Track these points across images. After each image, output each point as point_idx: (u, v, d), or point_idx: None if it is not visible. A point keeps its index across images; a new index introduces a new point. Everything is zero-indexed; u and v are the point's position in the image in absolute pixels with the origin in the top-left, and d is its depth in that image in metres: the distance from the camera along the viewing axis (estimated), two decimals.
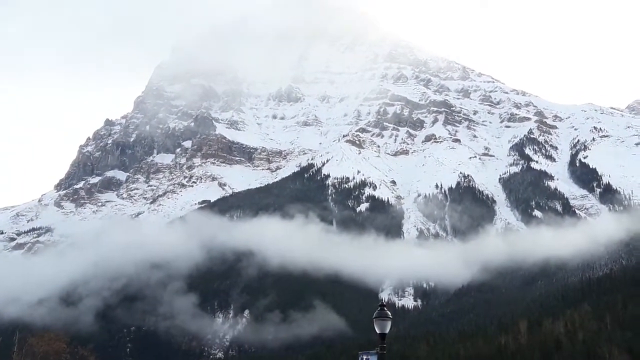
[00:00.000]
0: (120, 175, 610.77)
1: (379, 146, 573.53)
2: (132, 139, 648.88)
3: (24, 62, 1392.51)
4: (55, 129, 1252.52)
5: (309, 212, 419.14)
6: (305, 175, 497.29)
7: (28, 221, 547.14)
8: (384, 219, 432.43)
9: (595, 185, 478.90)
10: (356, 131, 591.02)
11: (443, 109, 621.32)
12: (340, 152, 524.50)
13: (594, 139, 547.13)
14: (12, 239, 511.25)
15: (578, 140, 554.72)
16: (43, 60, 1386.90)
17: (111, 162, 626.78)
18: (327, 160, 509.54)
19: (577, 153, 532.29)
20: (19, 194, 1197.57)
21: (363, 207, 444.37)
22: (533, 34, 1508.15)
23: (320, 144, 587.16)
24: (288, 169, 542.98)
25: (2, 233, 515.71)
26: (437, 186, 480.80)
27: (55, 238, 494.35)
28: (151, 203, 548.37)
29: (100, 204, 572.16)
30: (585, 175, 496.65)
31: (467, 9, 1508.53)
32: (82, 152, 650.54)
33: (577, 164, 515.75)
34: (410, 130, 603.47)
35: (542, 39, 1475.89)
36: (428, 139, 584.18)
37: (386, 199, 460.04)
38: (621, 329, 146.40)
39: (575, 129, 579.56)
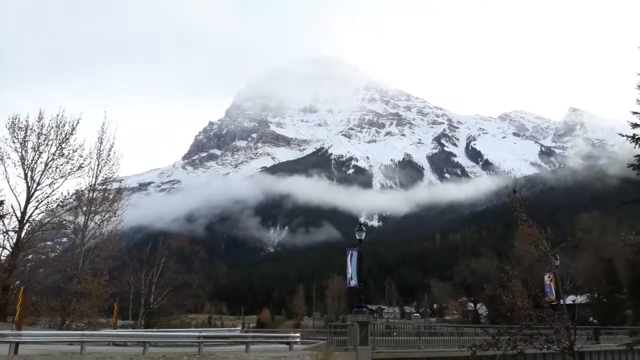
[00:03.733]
0: (217, 152, 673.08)
1: (359, 138, 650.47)
2: (224, 132, 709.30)
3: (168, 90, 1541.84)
4: (184, 126, 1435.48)
5: (321, 173, 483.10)
6: (319, 154, 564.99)
7: (167, 176, 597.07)
8: (362, 177, 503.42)
9: (479, 160, 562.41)
10: (347, 129, 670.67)
11: (396, 118, 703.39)
12: (338, 141, 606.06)
13: (479, 135, 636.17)
14: (158, 186, 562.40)
15: (470, 135, 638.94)
16: (176, 85, 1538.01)
17: (212, 144, 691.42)
18: (331, 146, 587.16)
19: (469, 142, 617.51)
20: (163, 160, 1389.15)
21: (350, 171, 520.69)
22: (448, 71, 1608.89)
23: (327, 136, 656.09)
24: (309, 150, 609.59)
25: (153, 183, 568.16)
26: (391, 160, 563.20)
27: (182, 186, 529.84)
28: (234, 167, 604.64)
29: (206, 167, 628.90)
30: (474, 155, 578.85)
31: (410, 57, 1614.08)
32: (197, 139, 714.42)
33: (470, 149, 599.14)
34: (377, 129, 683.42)
35: (453, 73, 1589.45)
36: (387, 134, 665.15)
37: (363, 167, 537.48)
38: (492, 238, 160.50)
39: (469, 129, 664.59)
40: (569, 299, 26.15)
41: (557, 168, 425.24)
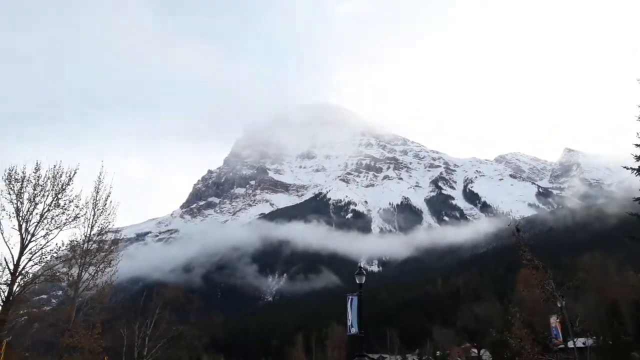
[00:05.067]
0: (216, 200, 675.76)
1: (357, 182, 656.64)
2: (222, 180, 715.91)
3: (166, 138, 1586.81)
4: (183, 174, 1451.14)
5: (319, 219, 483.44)
6: (317, 199, 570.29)
7: (165, 226, 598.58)
8: (361, 222, 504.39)
9: (477, 202, 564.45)
10: (345, 174, 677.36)
11: (392, 162, 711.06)
12: (336, 186, 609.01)
13: (476, 177, 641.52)
14: (156, 236, 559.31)
15: (467, 178, 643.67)
16: (175, 135, 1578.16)
17: (211, 193, 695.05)
18: (329, 190, 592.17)
19: (467, 185, 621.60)
20: (160, 211, 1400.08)
21: (349, 215, 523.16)
22: (443, 115, 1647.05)
23: (325, 181, 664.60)
24: (307, 195, 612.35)
25: (150, 233, 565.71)
26: (390, 204, 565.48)
27: (180, 235, 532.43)
28: (233, 215, 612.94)
29: (204, 216, 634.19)
30: (472, 197, 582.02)
31: (406, 102, 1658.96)
32: (195, 187, 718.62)
33: (467, 191, 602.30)
34: (375, 173, 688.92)
35: (448, 117, 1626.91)
36: (384, 177, 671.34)
37: (362, 211, 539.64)
38: (494, 281, 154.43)
39: (465, 172, 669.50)
40: (578, 342, 25.33)
41: (555, 209, 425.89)
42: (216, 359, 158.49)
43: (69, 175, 33.16)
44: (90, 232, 35.24)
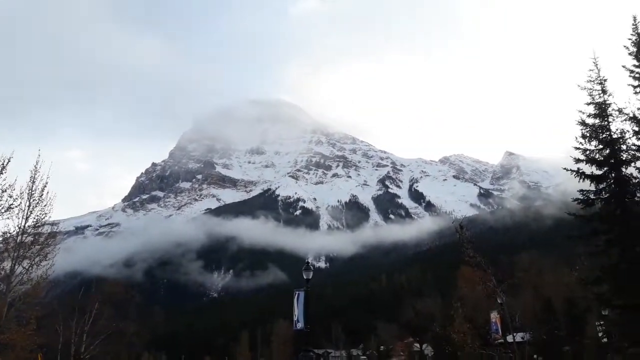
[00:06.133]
0: (160, 194, 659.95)
1: (306, 179, 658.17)
2: (167, 173, 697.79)
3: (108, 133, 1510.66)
4: (125, 167, 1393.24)
5: (268, 215, 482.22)
6: (266, 195, 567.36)
7: (106, 219, 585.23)
8: (309, 219, 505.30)
9: (422, 201, 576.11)
10: (294, 171, 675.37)
11: (342, 160, 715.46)
12: (285, 182, 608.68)
13: (421, 177, 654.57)
14: (96, 229, 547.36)
15: (413, 177, 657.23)
16: (119, 127, 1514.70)
17: (154, 186, 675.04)
18: (278, 187, 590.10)
19: (412, 184, 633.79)
20: (101, 204, 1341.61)
21: (297, 212, 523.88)
22: (391, 116, 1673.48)
23: (274, 177, 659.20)
24: (256, 191, 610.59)
25: (90, 226, 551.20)
26: (338, 201, 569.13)
27: (121, 229, 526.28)
28: (177, 209, 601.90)
29: (147, 210, 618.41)
30: (417, 196, 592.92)
31: (356, 102, 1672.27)
32: (138, 181, 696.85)
33: (413, 190, 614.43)
34: (324, 171, 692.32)
35: (396, 119, 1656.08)
36: (333, 175, 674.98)
37: (310, 208, 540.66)
38: (436, 278, 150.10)
39: (411, 171, 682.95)
40: (517, 337, 26.23)
41: (495, 209, 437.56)
42: (157, 356, 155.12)
43: (2, 164, 31.20)
44: (25, 223, 33.28)
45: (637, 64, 26.32)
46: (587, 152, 27.26)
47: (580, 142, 27.47)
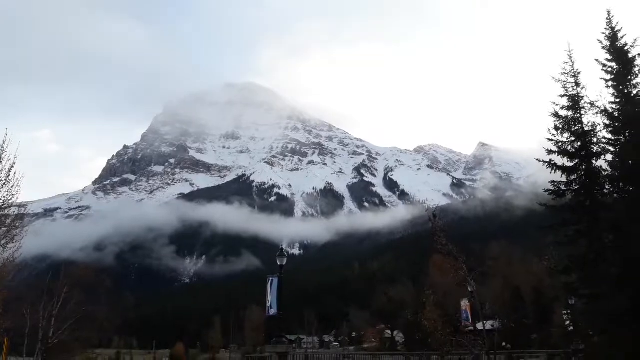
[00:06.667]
0: (131, 177, 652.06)
1: (282, 166, 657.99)
2: (139, 157, 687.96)
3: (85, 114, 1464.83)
4: (96, 149, 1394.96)
5: (242, 201, 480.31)
6: (240, 181, 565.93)
7: (76, 202, 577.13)
8: (284, 205, 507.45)
9: (396, 190, 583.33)
10: (270, 157, 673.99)
11: (318, 147, 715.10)
12: (261, 168, 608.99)
13: (396, 166, 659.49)
14: (66, 212, 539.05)
15: (388, 166, 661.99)
16: (91, 109, 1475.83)
17: (126, 169, 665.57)
18: (253, 173, 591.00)
19: (387, 173, 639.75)
20: (71, 186, 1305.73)
21: (272, 199, 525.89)
22: (367, 105, 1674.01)
23: (249, 163, 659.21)
24: (230, 177, 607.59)
25: (60, 209, 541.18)
26: (313, 188, 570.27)
27: (92, 212, 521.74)
28: (149, 194, 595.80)
29: (118, 193, 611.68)
30: (391, 185, 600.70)
31: (332, 89, 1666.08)
32: (109, 163, 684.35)
33: (387, 179, 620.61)
34: (300, 157, 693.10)
35: (372, 107, 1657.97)
36: (309, 162, 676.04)
37: (285, 194, 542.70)
38: (409, 266, 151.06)
39: (387, 160, 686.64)
40: (487, 325, 26.68)
41: (467, 199, 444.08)
42: (128, 341, 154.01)
43: None
44: None
45: (609, 57, 26.71)
46: (560, 144, 27.64)
47: (553, 134, 27.84)
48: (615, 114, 26.23)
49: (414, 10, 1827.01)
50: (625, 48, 26.29)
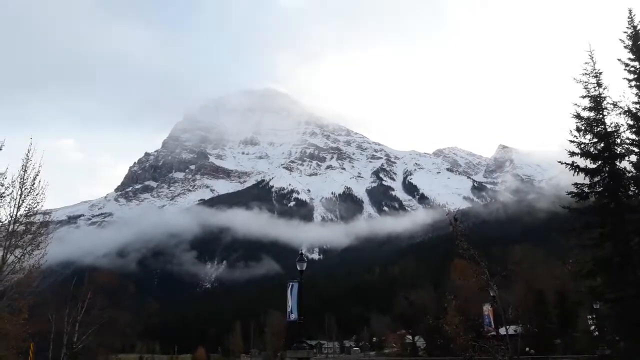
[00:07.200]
0: (153, 184, 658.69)
1: (300, 171, 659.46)
2: (160, 163, 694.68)
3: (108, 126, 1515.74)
4: (118, 157, 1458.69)
5: (262, 206, 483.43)
6: (260, 186, 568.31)
7: (99, 209, 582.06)
8: (303, 210, 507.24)
9: (416, 194, 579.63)
10: (288, 162, 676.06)
11: (336, 152, 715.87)
12: (280, 173, 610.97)
13: (415, 170, 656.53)
14: (89, 219, 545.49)
15: (407, 170, 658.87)
16: (112, 116, 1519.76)
17: (147, 176, 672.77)
18: (272, 178, 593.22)
19: (406, 177, 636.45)
20: (94, 194, 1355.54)
21: (291, 204, 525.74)
22: (386, 108, 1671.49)
23: (268, 168, 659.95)
24: (250, 182, 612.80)
25: (83, 216, 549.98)
26: (332, 193, 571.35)
27: (114, 219, 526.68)
28: (170, 200, 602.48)
29: (140, 200, 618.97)
30: (411, 189, 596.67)
31: (350, 94, 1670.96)
32: (131, 170, 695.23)
33: (406, 183, 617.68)
34: (319, 162, 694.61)
35: (390, 111, 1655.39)
36: (327, 167, 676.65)
37: (304, 199, 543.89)
38: (429, 270, 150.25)
39: (405, 164, 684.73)
40: (510, 329, 26.31)
41: (488, 202, 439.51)
42: (151, 346, 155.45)
43: None
44: (17, 212, 33.01)
45: (632, 57, 26.32)
46: (582, 146, 27.30)
47: (575, 136, 27.52)
48: (639, 114, 25.78)
49: (430, 12, 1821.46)
50: None
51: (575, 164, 26.90)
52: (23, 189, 33.40)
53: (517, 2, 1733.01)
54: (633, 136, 26.18)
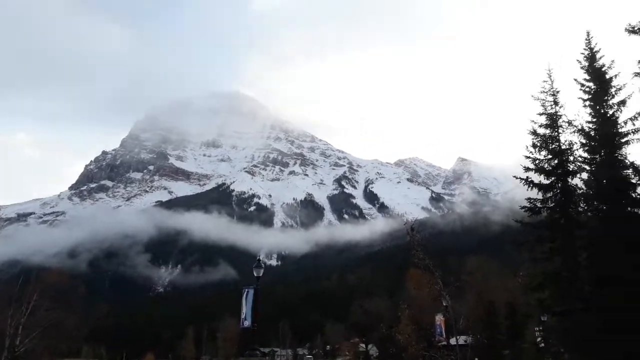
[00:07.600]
0: (109, 183, 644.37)
1: (263, 175, 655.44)
2: (117, 163, 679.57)
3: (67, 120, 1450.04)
4: (75, 154, 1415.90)
5: (221, 210, 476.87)
6: (220, 190, 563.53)
7: (50, 207, 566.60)
8: (263, 215, 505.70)
9: (376, 203, 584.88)
10: (251, 166, 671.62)
11: (300, 157, 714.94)
12: (241, 177, 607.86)
13: (376, 178, 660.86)
14: (40, 217, 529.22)
15: (369, 179, 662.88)
16: (70, 113, 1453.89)
17: (104, 175, 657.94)
18: (233, 182, 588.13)
19: (368, 185, 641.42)
20: (46, 191, 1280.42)
21: (252, 208, 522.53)
22: (350, 117, 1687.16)
23: (230, 172, 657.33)
24: (210, 185, 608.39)
25: (34, 214, 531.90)
26: (293, 199, 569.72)
27: (66, 218, 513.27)
28: (126, 200, 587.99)
29: (95, 199, 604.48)
30: (371, 197, 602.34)
31: (315, 101, 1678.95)
32: (87, 169, 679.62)
33: (367, 191, 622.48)
34: (281, 168, 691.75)
35: (354, 120, 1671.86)
36: (290, 173, 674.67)
37: (265, 204, 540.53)
38: (386, 279, 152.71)
39: (367, 172, 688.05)
40: (460, 340, 26.64)
41: (445, 213, 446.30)
42: (98, 350, 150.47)
43: None
44: None
45: (587, 77, 27.22)
46: (537, 161, 28.02)
47: (531, 152, 28.22)
48: (592, 133, 26.68)
49: (397, 23, 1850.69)
50: (603, 69, 26.83)
51: (529, 179, 27.61)
52: None
53: (480, 20, 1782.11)
54: (585, 154, 27.02)
